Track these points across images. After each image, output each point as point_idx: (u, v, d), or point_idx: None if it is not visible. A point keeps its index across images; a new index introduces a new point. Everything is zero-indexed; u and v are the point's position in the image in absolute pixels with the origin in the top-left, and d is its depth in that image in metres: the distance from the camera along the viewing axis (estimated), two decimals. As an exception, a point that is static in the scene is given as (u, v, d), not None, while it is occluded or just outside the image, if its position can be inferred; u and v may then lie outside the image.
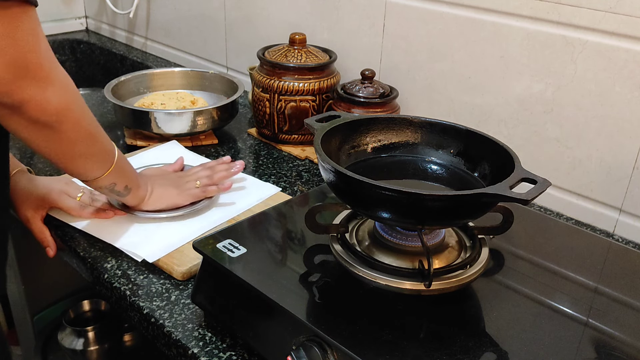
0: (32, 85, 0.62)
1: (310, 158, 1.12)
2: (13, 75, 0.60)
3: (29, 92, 0.62)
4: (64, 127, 0.68)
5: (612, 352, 0.58)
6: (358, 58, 1.19)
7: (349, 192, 0.64)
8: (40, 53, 0.62)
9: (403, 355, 0.55)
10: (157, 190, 0.88)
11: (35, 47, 0.61)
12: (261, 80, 1.13)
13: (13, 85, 0.61)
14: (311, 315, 0.60)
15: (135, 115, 1.12)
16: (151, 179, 0.89)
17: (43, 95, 0.63)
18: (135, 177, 0.84)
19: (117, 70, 1.75)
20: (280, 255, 0.70)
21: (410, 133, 0.77)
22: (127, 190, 0.82)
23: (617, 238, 0.92)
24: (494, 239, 0.73)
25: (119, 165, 0.79)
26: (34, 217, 0.87)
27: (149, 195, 0.87)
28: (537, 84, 0.94)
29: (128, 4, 1.71)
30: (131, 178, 0.83)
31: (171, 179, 0.92)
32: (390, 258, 0.65)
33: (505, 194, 0.57)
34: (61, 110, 0.66)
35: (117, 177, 0.79)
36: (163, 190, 0.88)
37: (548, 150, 0.96)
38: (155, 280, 0.79)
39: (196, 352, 0.67)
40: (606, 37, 0.86)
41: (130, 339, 1.41)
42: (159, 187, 0.89)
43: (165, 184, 0.90)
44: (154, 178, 0.90)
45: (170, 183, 0.90)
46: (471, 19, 0.99)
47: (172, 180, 0.91)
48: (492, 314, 0.63)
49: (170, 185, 0.90)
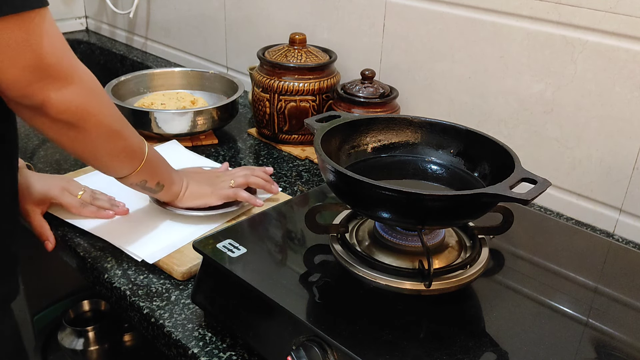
0: (51, 85, 0.62)
1: (310, 158, 1.12)
2: (32, 77, 0.60)
3: (48, 92, 0.62)
4: (87, 125, 0.68)
5: (612, 352, 0.58)
6: (358, 58, 1.19)
7: (349, 192, 0.64)
8: (57, 53, 0.62)
9: (403, 355, 0.55)
10: (191, 188, 0.87)
11: (52, 48, 0.61)
12: (261, 80, 1.13)
13: (33, 87, 0.61)
14: (311, 315, 0.60)
15: (135, 115, 1.11)
16: (187, 176, 0.88)
17: (63, 95, 0.64)
18: (168, 174, 0.84)
19: (117, 70, 1.75)
20: (280, 255, 0.70)
21: (410, 133, 0.77)
22: (159, 186, 0.82)
23: (617, 238, 0.92)
24: (494, 239, 0.73)
25: (150, 162, 0.79)
26: (34, 212, 0.87)
27: (183, 192, 0.87)
28: (537, 84, 0.94)
29: (128, 4, 1.71)
30: (164, 175, 0.83)
31: (207, 177, 0.91)
32: (390, 258, 0.65)
33: (505, 194, 0.57)
34: (82, 108, 0.66)
35: (148, 174, 0.80)
36: (197, 188, 0.88)
37: (548, 150, 0.96)
38: (155, 280, 0.79)
39: (196, 352, 0.67)
40: (606, 37, 0.86)
41: (130, 339, 1.41)
42: (194, 184, 0.88)
43: (200, 182, 0.89)
44: (191, 174, 0.90)
45: (205, 181, 0.90)
46: (471, 19, 0.99)
47: (207, 179, 0.91)
48: (492, 314, 0.63)
49: (205, 183, 0.89)
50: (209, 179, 0.91)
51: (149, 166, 0.79)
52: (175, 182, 0.85)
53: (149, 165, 0.79)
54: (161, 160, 0.83)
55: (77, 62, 0.66)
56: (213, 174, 0.93)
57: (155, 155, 0.81)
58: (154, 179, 0.81)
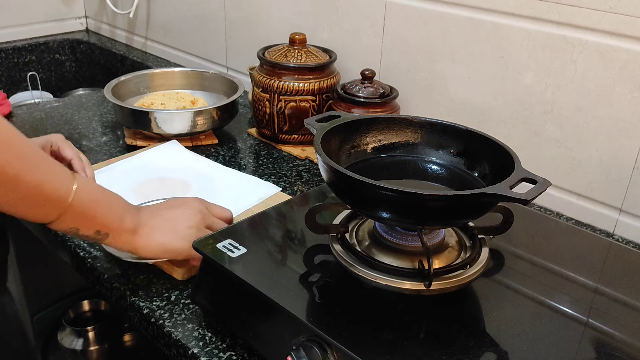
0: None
1: (310, 158, 1.12)
2: None
3: None
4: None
5: (612, 352, 0.58)
6: (358, 58, 1.19)
7: (349, 192, 0.64)
8: None
9: (403, 355, 0.55)
10: (155, 236, 0.73)
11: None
12: (261, 80, 1.13)
13: None
14: (311, 315, 0.60)
15: (135, 115, 1.12)
16: (149, 218, 0.73)
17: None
18: (115, 219, 0.69)
19: (117, 70, 1.75)
20: (280, 255, 0.70)
21: (410, 133, 0.77)
22: (100, 235, 0.69)
23: (617, 238, 0.92)
24: (494, 239, 0.73)
25: (80, 208, 0.65)
26: None
27: (145, 240, 0.72)
28: (537, 84, 0.94)
29: (128, 4, 1.71)
30: (106, 221, 0.68)
31: (169, 218, 0.75)
32: (390, 258, 0.65)
33: (505, 194, 0.57)
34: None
35: (77, 221, 0.66)
36: (161, 237, 0.73)
37: (548, 150, 0.96)
38: (155, 280, 0.79)
39: (196, 352, 0.67)
40: (606, 37, 0.86)
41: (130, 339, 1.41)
42: (158, 231, 0.73)
43: (163, 226, 0.74)
44: (154, 213, 0.75)
45: (169, 224, 0.74)
46: (471, 19, 0.99)
47: (170, 220, 0.75)
48: (492, 314, 0.63)
49: (170, 227, 0.74)
50: (172, 220, 0.75)
51: (77, 212, 0.65)
52: (125, 229, 0.70)
53: (78, 211, 0.65)
54: (105, 203, 0.69)
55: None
56: (174, 211, 0.77)
57: (92, 199, 0.67)
58: (89, 227, 0.67)
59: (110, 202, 0.70)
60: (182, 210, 0.76)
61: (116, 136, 1.19)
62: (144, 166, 1.03)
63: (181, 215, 0.75)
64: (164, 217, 0.74)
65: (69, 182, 0.65)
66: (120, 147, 1.14)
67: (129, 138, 1.16)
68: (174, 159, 1.07)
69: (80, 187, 0.65)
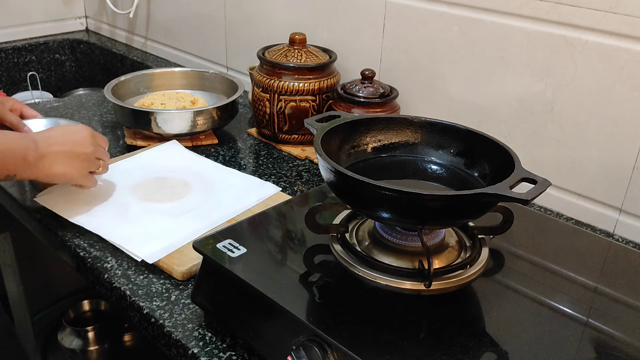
0: None
1: (310, 158, 1.12)
2: None
3: None
4: None
5: (612, 352, 0.58)
6: (358, 58, 1.19)
7: (349, 192, 0.64)
8: None
9: (403, 355, 0.55)
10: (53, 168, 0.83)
11: None
12: (261, 80, 1.13)
13: None
14: (311, 315, 0.60)
15: (135, 115, 1.12)
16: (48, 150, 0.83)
17: None
18: (17, 162, 0.79)
19: (117, 70, 1.75)
20: (280, 255, 0.70)
21: (410, 133, 0.77)
22: (9, 177, 0.80)
23: (617, 238, 0.92)
24: (494, 239, 0.73)
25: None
26: None
27: (44, 173, 0.83)
28: (537, 84, 0.94)
29: (128, 4, 1.71)
30: (10, 165, 0.79)
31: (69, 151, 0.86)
32: (390, 258, 0.65)
33: (505, 194, 0.57)
34: None
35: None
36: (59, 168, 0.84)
37: (548, 150, 0.96)
38: (155, 280, 0.79)
39: (196, 352, 0.67)
40: (606, 37, 0.86)
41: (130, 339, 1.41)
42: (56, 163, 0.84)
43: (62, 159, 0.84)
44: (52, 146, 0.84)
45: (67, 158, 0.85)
46: (471, 19, 0.99)
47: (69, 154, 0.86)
48: (492, 314, 0.63)
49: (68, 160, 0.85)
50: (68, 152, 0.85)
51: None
52: (28, 166, 0.81)
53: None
54: (5, 150, 0.78)
55: None
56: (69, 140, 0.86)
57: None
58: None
59: (11, 147, 0.79)
60: (77, 147, 0.86)
61: (116, 136, 1.19)
62: (144, 166, 1.03)
63: (76, 152, 0.86)
64: (61, 151, 0.84)
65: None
66: (120, 147, 1.14)
67: (129, 138, 1.16)
68: (174, 159, 1.07)
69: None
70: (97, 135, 0.90)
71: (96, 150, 0.88)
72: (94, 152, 0.88)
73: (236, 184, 0.99)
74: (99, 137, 0.91)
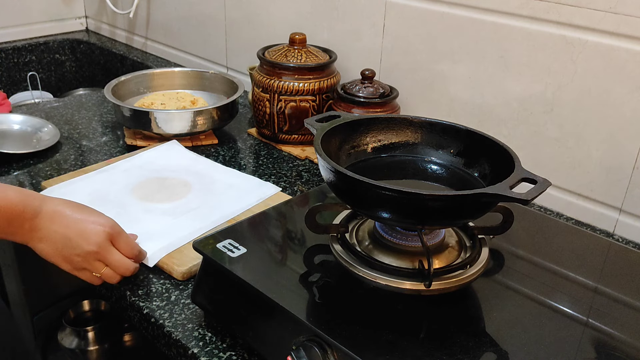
0: None
1: (310, 158, 1.12)
2: None
3: None
4: None
5: (612, 352, 0.58)
6: (358, 58, 1.19)
7: (349, 192, 0.64)
8: None
9: (403, 355, 0.55)
10: (45, 246, 0.74)
11: None
12: (261, 80, 1.13)
13: None
14: (311, 315, 0.60)
15: (135, 115, 1.12)
16: (46, 228, 0.73)
17: None
18: (11, 230, 0.72)
19: (117, 70, 1.75)
20: (280, 255, 0.70)
21: (410, 133, 0.77)
22: None
23: (617, 238, 0.92)
24: (494, 239, 0.73)
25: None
26: None
27: (35, 244, 0.74)
28: (537, 84, 0.94)
29: (128, 4, 1.71)
30: (4, 231, 0.72)
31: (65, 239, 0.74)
32: (390, 258, 0.65)
33: (505, 194, 0.57)
34: None
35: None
36: (50, 249, 0.74)
37: (548, 150, 0.96)
38: (155, 280, 0.79)
39: (196, 352, 0.67)
40: (606, 37, 0.86)
41: (130, 339, 1.41)
42: (48, 244, 0.74)
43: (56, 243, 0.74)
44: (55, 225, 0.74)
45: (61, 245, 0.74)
46: (471, 19, 0.99)
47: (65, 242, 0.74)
48: (492, 314, 0.63)
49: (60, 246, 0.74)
50: (65, 240, 0.74)
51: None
52: (19, 234, 0.73)
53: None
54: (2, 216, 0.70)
55: None
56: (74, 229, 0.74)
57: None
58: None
59: (8, 214, 0.71)
60: (80, 238, 0.74)
61: (116, 136, 1.19)
62: (144, 166, 1.03)
63: (75, 242, 0.74)
64: (59, 232, 0.74)
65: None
66: (120, 147, 1.14)
67: (129, 138, 1.16)
68: (174, 159, 1.07)
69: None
70: (119, 238, 0.75)
71: (102, 253, 0.74)
72: (97, 254, 0.74)
73: (236, 184, 0.99)
74: (121, 241, 0.75)
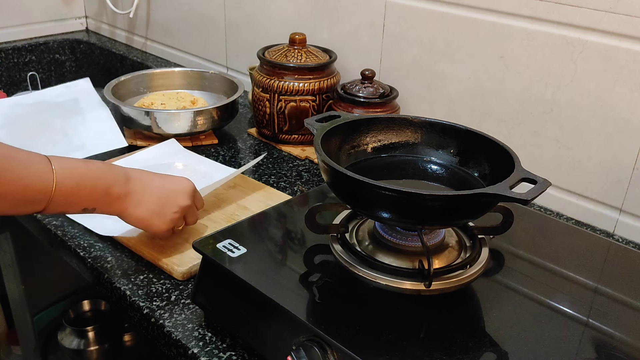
0: None
1: (310, 158, 1.12)
2: None
3: None
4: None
5: (612, 352, 0.58)
6: (358, 58, 1.19)
7: (349, 192, 0.64)
8: None
9: (403, 355, 0.55)
10: (137, 210, 0.75)
11: None
12: (261, 80, 1.13)
13: None
14: (311, 315, 0.60)
15: (135, 115, 1.11)
16: (136, 190, 0.75)
17: None
18: (100, 196, 0.71)
19: (117, 70, 1.75)
20: (280, 255, 0.70)
21: (410, 133, 0.77)
22: (87, 210, 0.72)
23: (617, 238, 0.92)
24: (494, 239, 0.73)
25: (63, 195, 0.67)
26: None
27: (127, 211, 0.75)
28: (537, 84, 0.94)
29: (128, 4, 1.71)
30: (91, 199, 0.71)
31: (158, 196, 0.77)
32: (390, 258, 0.65)
33: (505, 194, 0.57)
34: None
35: (63, 206, 0.69)
36: (143, 212, 0.75)
37: (548, 150, 0.96)
38: (155, 280, 0.79)
39: (196, 352, 0.67)
40: (606, 37, 0.86)
41: (130, 339, 1.41)
42: (141, 206, 0.75)
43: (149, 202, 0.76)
44: (143, 189, 0.75)
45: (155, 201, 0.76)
46: (471, 19, 0.99)
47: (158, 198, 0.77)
48: (492, 314, 0.63)
49: (155, 203, 0.76)
50: (160, 202, 0.77)
51: (62, 200, 0.67)
52: (111, 201, 0.73)
53: (62, 199, 0.67)
54: (89, 183, 0.70)
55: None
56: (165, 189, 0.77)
57: (74, 183, 0.68)
58: (76, 208, 0.70)
59: (95, 180, 0.70)
60: (174, 195, 0.77)
61: (116, 136, 1.19)
62: (144, 166, 1.03)
63: (171, 200, 0.77)
64: (154, 193, 0.76)
65: (48, 174, 0.66)
66: (120, 147, 1.14)
67: (129, 138, 1.16)
68: (174, 158, 1.07)
69: (60, 176, 0.66)
70: (196, 193, 0.81)
71: (192, 206, 0.79)
72: (190, 207, 0.78)
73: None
74: (198, 197, 0.81)
